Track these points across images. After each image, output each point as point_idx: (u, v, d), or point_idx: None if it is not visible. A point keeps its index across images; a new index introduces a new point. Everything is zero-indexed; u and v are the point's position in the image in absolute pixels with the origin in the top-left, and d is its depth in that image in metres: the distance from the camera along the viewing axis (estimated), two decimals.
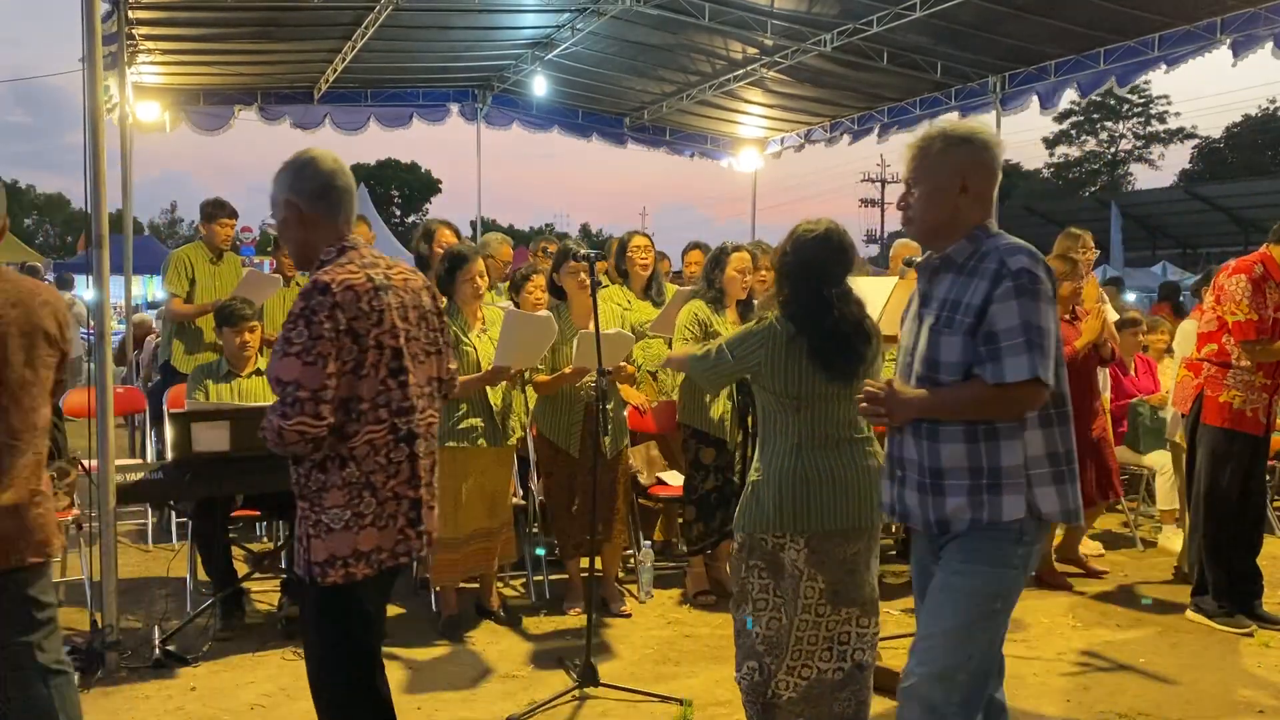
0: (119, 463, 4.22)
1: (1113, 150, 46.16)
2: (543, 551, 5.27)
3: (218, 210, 6.25)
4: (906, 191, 2.52)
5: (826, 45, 9.06)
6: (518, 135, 12.76)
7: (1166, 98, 43.85)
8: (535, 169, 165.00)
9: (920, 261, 2.57)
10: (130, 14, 7.76)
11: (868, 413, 2.52)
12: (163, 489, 4.40)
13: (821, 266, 3.03)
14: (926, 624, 2.45)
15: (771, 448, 3.05)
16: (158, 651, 4.06)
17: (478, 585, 4.78)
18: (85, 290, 11.54)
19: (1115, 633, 4.61)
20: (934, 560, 2.49)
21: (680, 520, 5.30)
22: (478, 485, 4.49)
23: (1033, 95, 9.44)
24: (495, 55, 10.64)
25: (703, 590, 4.96)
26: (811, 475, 2.96)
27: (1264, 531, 4.80)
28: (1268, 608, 4.70)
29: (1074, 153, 46.77)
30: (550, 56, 10.16)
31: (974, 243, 2.44)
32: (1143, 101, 43.27)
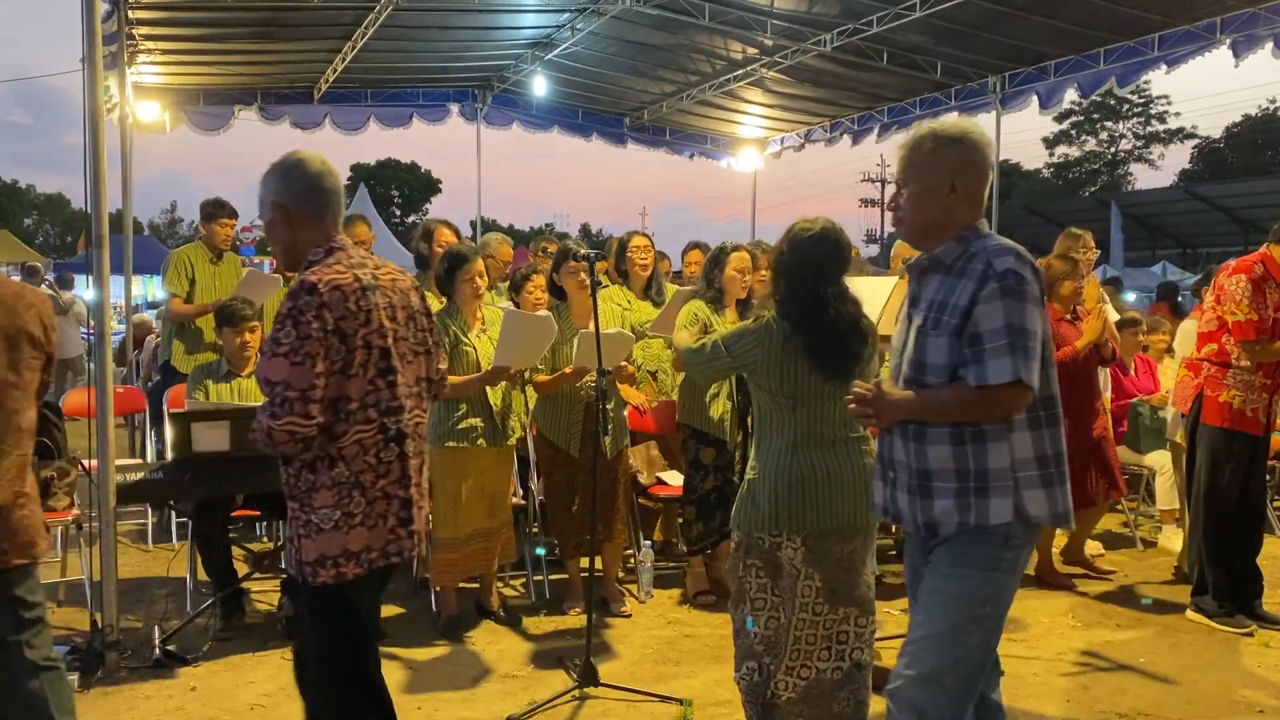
0: (119, 463, 4.22)
1: (1113, 150, 46.19)
2: (543, 551, 5.27)
3: (218, 210, 6.24)
4: (897, 192, 2.51)
5: (826, 45, 9.06)
6: (518, 135, 12.77)
7: (1166, 98, 43.97)
8: (535, 169, 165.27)
9: (910, 262, 2.57)
10: (130, 14, 7.77)
11: (856, 414, 2.51)
12: (163, 489, 4.41)
13: (818, 265, 3.03)
14: (915, 627, 2.44)
15: (767, 446, 3.06)
16: (158, 651, 4.06)
17: (478, 585, 4.78)
18: (85, 290, 11.53)
19: (1115, 633, 4.61)
20: (925, 562, 2.49)
21: (680, 520, 5.29)
22: (477, 485, 4.49)
23: (1033, 95, 9.45)
24: (495, 55, 10.64)
25: (703, 590, 4.97)
26: (807, 473, 2.96)
27: (1264, 531, 4.80)
28: (1268, 608, 4.70)
29: (1074, 153, 46.83)
30: (550, 56, 10.17)
31: (963, 243, 2.42)
32: (1143, 101, 43.30)
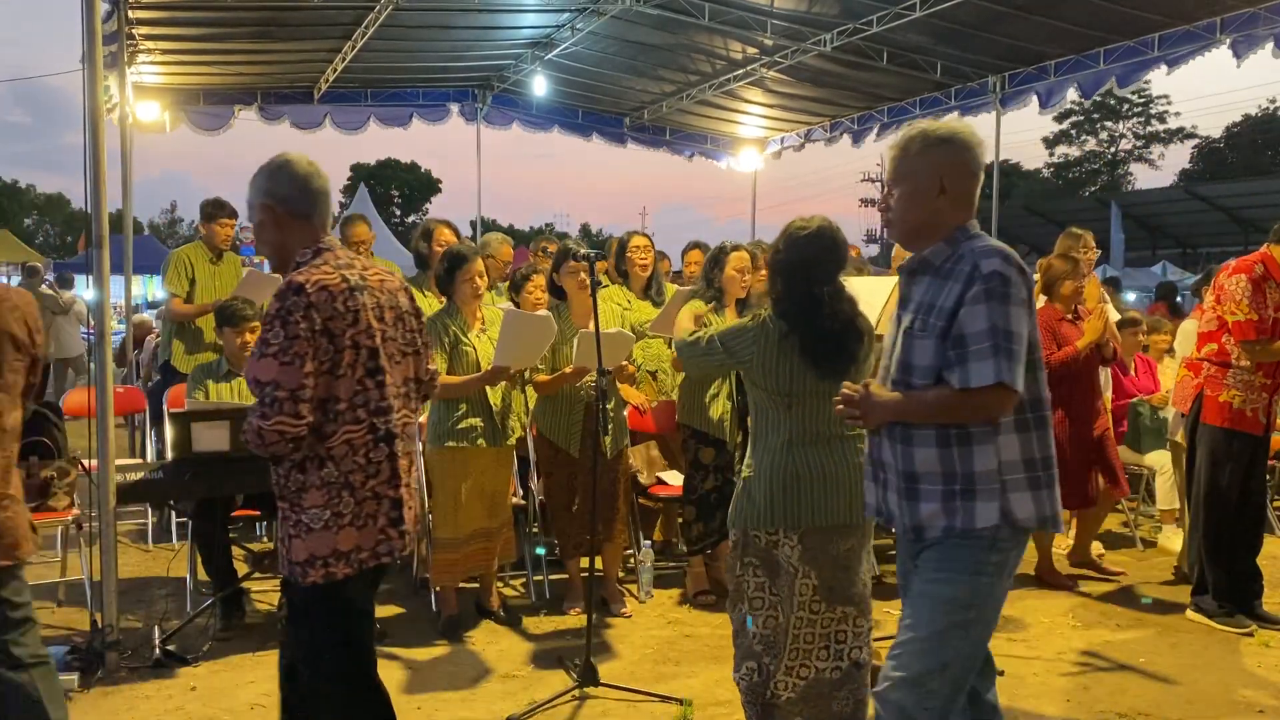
0: (119, 463, 4.22)
1: (1113, 150, 46.22)
2: (543, 551, 5.27)
3: (218, 210, 6.24)
4: (887, 193, 2.51)
5: (826, 45, 9.06)
6: (518, 135, 12.77)
7: (1166, 98, 44.00)
8: (535, 169, 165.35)
9: (900, 264, 2.57)
10: (130, 14, 7.76)
11: (843, 415, 2.50)
12: (163, 489, 4.41)
13: (814, 264, 3.03)
14: (903, 630, 2.43)
15: (763, 444, 3.06)
16: (158, 651, 4.06)
17: (478, 585, 4.78)
18: (85, 290, 11.53)
19: (1115, 633, 4.61)
20: (915, 564, 2.48)
21: (680, 520, 5.29)
22: (477, 485, 4.49)
23: (1032, 95, 9.44)
24: (495, 55, 10.64)
25: (703, 590, 4.97)
26: (803, 471, 2.97)
27: (1264, 531, 4.80)
28: (1268, 608, 4.70)
29: (1074, 153, 46.86)
30: (550, 56, 10.16)
31: (952, 245, 2.41)
32: (1143, 101, 43.33)
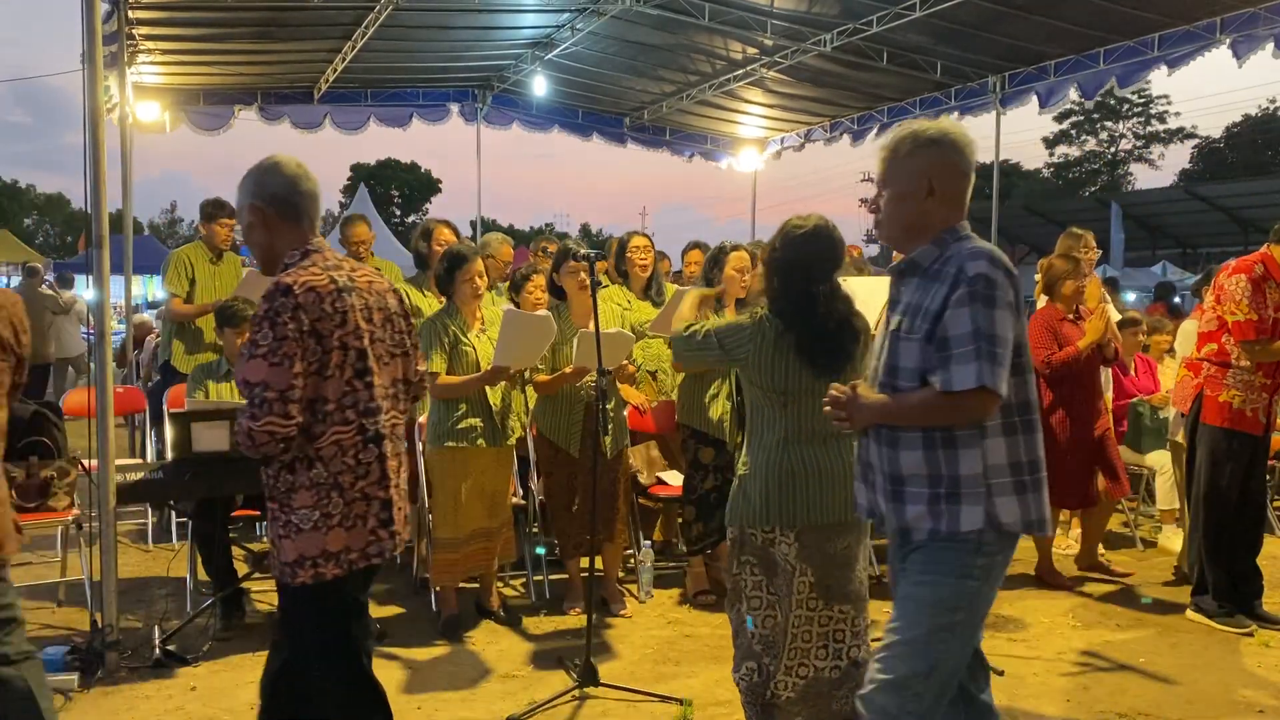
0: (119, 463, 4.22)
1: (1113, 150, 46.22)
2: (543, 551, 5.27)
3: (218, 210, 6.24)
4: (877, 194, 2.51)
5: (826, 45, 9.05)
6: (518, 135, 12.77)
7: (1166, 98, 43.98)
8: (535, 169, 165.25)
9: (890, 265, 2.57)
10: (130, 14, 7.75)
11: (830, 416, 2.50)
12: (163, 489, 4.41)
13: (810, 263, 3.04)
14: (889, 632, 2.43)
15: (759, 442, 3.06)
16: (158, 651, 4.06)
17: (478, 585, 4.78)
18: (85, 290, 11.53)
19: (1115, 633, 4.61)
20: (902, 566, 2.48)
21: (680, 520, 5.29)
22: (477, 485, 4.49)
23: (1032, 95, 9.43)
24: (495, 55, 10.63)
25: (703, 590, 4.97)
26: (798, 469, 2.97)
27: (1264, 531, 4.81)
28: (1268, 608, 4.70)
29: (1074, 153, 46.86)
30: (550, 56, 10.15)
31: (940, 246, 2.41)
32: (1143, 101, 43.32)
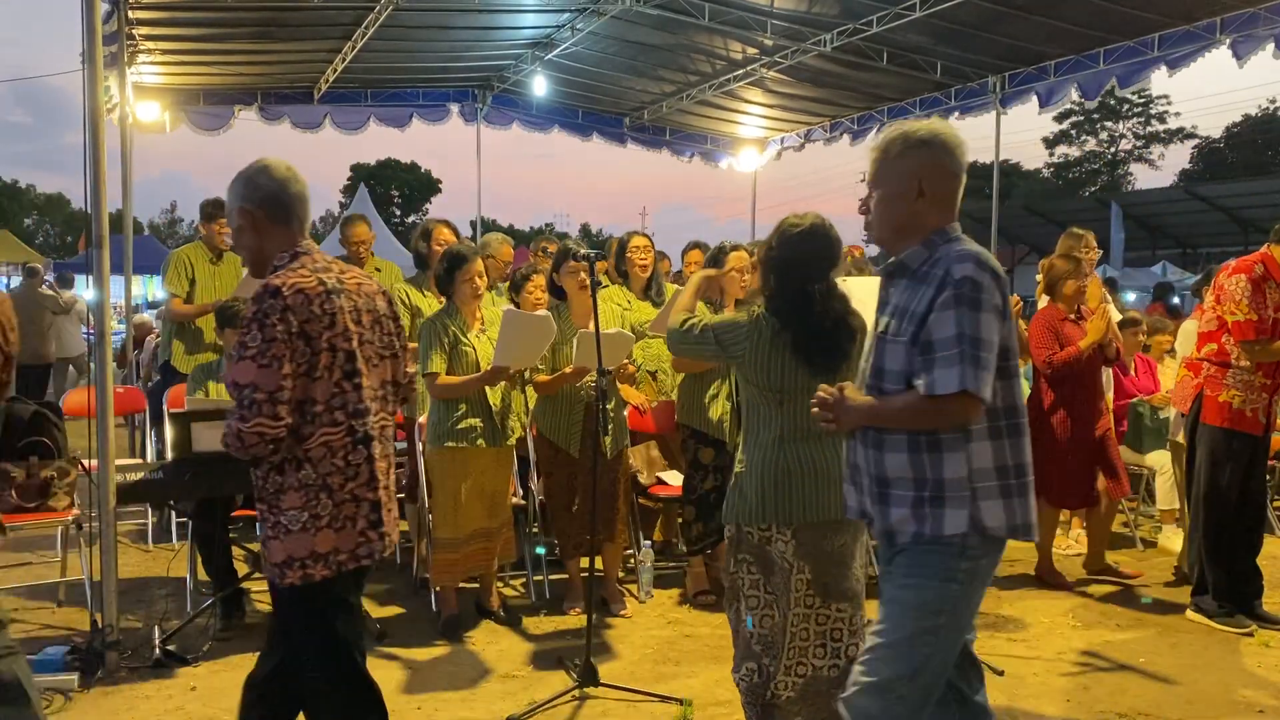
0: (119, 463, 4.22)
1: (1113, 150, 46.26)
2: (543, 551, 5.27)
3: (217, 210, 6.22)
4: (868, 195, 2.51)
5: (826, 45, 9.06)
6: (518, 135, 12.78)
7: (1166, 98, 44.03)
8: (535, 169, 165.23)
9: (880, 267, 2.56)
10: (130, 14, 7.76)
11: (817, 418, 2.49)
12: (163, 489, 4.41)
13: (806, 261, 3.03)
14: (873, 635, 2.42)
15: (754, 440, 3.07)
16: (158, 651, 4.06)
17: (478, 585, 4.78)
18: (85, 290, 11.53)
19: (1115, 633, 4.61)
20: (889, 569, 2.47)
21: (680, 520, 5.29)
22: (477, 485, 4.49)
23: (1033, 95, 9.43)
24: (495, 55, 10.63)
25: (703, 590, 4.97)
26: (794, 467, 2.97)
27: (1264, 531, 4.81)
28: (1268, 608, 4.70)
29: (1074, 153, 46.90)
30: (550, 56, 10.16)
31: (929, 248, 2.40)
32: (1143, 101, 43.34)
